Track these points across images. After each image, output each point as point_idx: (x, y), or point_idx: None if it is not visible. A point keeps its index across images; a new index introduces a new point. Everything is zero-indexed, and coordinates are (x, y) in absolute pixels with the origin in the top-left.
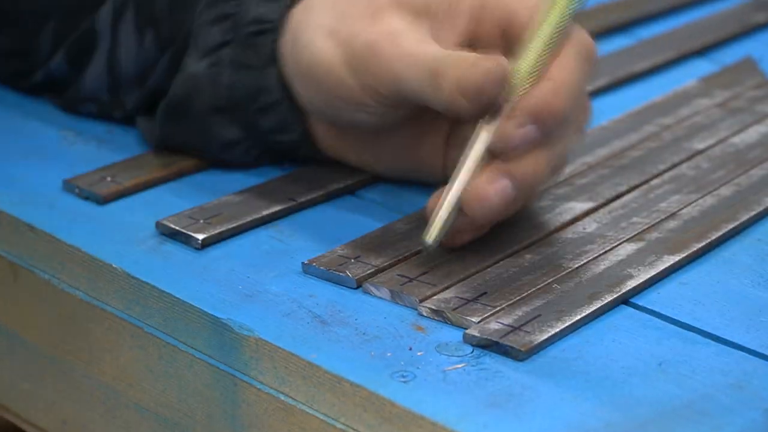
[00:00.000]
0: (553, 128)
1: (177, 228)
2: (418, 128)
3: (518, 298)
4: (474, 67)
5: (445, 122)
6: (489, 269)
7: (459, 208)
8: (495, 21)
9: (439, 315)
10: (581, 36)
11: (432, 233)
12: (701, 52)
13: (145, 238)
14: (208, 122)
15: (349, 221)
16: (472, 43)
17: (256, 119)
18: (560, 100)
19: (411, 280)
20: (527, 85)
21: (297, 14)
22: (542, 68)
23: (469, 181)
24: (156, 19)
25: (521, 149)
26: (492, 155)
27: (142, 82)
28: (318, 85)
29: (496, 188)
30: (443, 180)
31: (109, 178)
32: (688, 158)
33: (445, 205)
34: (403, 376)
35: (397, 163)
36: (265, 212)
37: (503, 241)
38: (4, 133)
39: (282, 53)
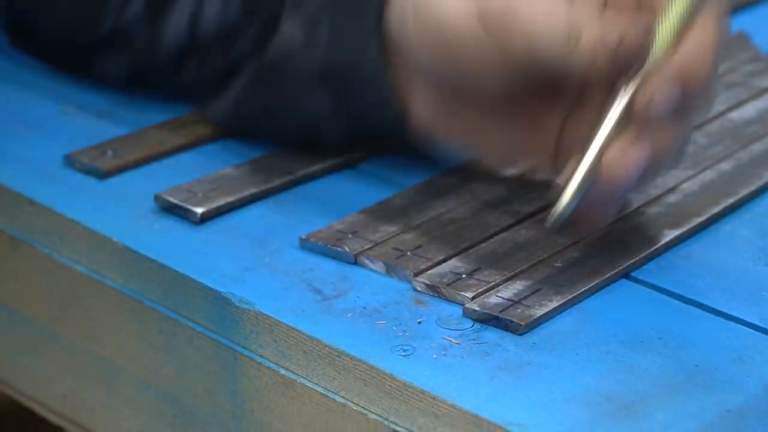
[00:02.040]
0: (696, 94)
1: (175, 202)
2: (535, 107)
3: (512, 273)
4: (612, 25)
5: (565, 104)
6: (483, 244)
7: (593, 179)
8: None
9: (433, 290)
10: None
11: (563, 201)
12: None
13: (145, 212)
14: (299, 91)
15: (347, 195)
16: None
17: (352, 92)
18: (705, 63)
19: (405, 253)
20: (670, 46)
21: None
22: (686, 28)
23: (605, 147)
24: None
25: (663, 114)
26: (629, 121)
27: (223, 46)
28: (446, 43)
29: (636, 155)
30: (546, 174)
31: (110, 153)
32: None
33: (579, 171)
34: (404, 350)
35: (504, 146)
36: (264, 186)
37: (499, 215)
38: (4, 107)
39: (397, 18)
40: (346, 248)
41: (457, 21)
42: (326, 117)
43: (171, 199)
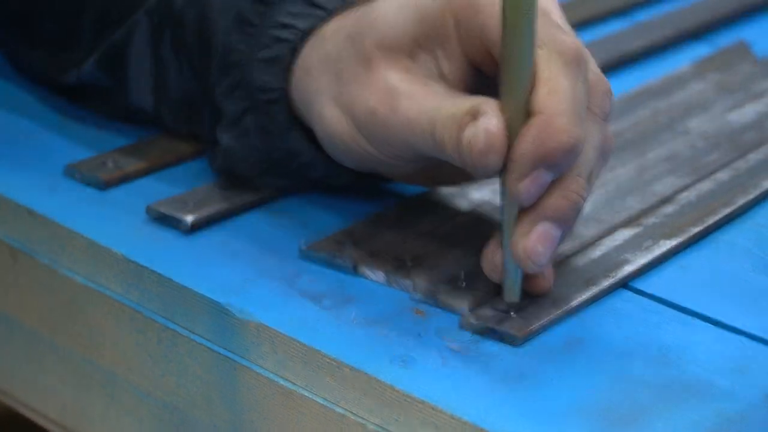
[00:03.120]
0: (565, 161)
1: (165, 212)
2: None
3: None
4: (463, 129)
5: None
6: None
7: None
8: (477, 40)
9: (430, 299)
10: (557, 38)
11: (508, 294)
12: (698, 35)
13: (145, 222)
14: (260, 181)
15: (346, 204)
16: (479, 64)
17: (302, 173)
18: (560, 133)
19: (406, 263)
20: (519, 123)
21: (299, 80)
22: (526, 94)
23: (511, 235)
24: (188, 47)
25: (537, 195)
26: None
27: (187, 108)
28: (341, 151)
29: (538, 237)
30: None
31: (110, 163)
32: (683, 138)
33: (504, 269)
34: (403, 361)
35: (454, 177)
36: (258, 195)
37: (496, 225)
38: (4, 116)
39: (301, 114)
40: (346, 258)
41: (339, 135)
42: (293, 186)
43: (162, 210)
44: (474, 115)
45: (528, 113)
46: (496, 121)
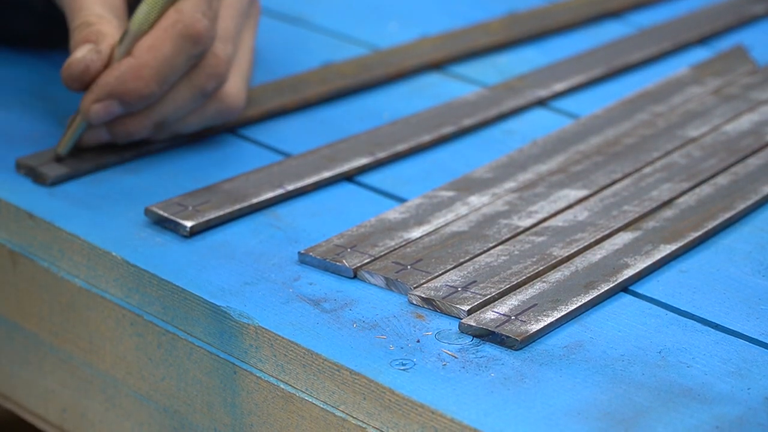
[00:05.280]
0: (136, 104)
1: (165, 215)
2: None
3: (508, 286)
4: (83, 41)
5: None
6: (479, 257)
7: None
8: None
9: (428, 303)
10: (181, 12)
11: (60, 146)
12: (699, 42)
13: (144, 225)
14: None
15: (345, 209)
16: None
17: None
18: (140, 81)
19: (406, 267)
20: (120, 56)
21: None
22: (137, 35)
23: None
24: None
25: (103, 120)
26: None
27: None
28: None
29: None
30: None
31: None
32: (681, 146)
33: (68, 133)
34: (403, 364)
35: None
36: (255, 200)
37: (494, 228)
38: (4, 120)
39: None
40: (345, 263)
41: None
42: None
43: (161, 212)
44: (96, 38)
45: (128, 53)
46: (99, 64)
